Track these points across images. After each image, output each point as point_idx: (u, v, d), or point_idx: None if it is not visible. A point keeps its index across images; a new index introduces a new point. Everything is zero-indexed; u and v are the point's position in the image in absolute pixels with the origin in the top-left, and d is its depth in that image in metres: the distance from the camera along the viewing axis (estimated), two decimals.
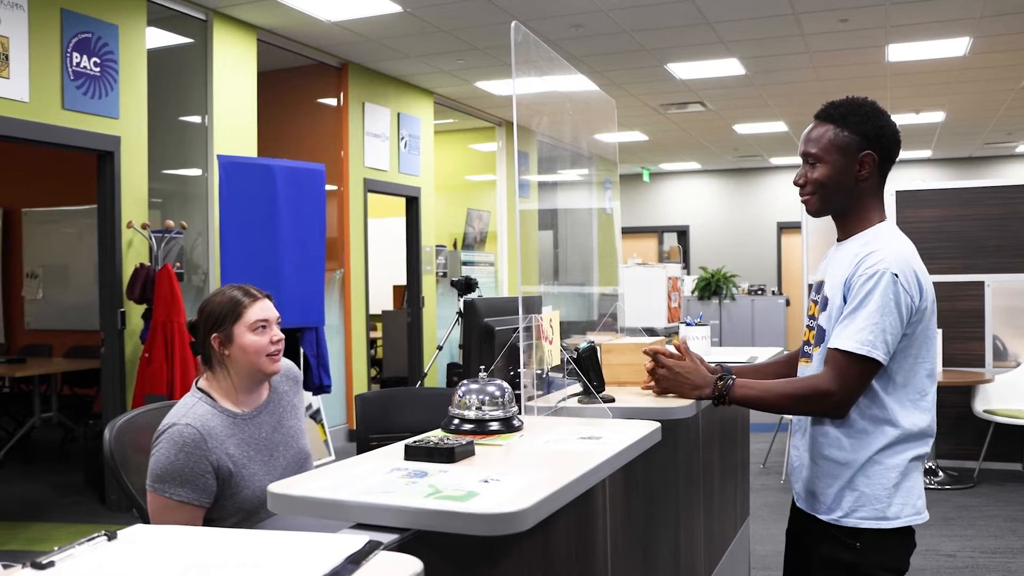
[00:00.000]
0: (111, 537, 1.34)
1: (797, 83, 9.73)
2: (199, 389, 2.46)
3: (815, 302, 2.28)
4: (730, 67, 8.98)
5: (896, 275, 2.08)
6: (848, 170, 2.19)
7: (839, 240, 2.29)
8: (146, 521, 2.37)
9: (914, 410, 2.15)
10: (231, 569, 1.22)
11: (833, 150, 2.20)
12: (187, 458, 2.28)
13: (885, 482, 2.13)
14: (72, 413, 7.91)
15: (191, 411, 2.36)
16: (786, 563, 2.47)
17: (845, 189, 2.21)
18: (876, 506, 2.14)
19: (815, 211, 2.27)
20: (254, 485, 2.37)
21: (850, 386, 2.11)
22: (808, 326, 2.33)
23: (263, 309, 2.47)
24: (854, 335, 2.08)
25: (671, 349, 2.49)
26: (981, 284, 6.76)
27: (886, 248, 2.14)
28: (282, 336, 2.49)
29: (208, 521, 2.35)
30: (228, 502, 2.36)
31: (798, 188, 2.28)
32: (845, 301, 2.14)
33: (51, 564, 1.22)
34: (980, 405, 6.58)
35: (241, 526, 2.37)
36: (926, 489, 2.26)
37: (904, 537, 2.18)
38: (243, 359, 2.43)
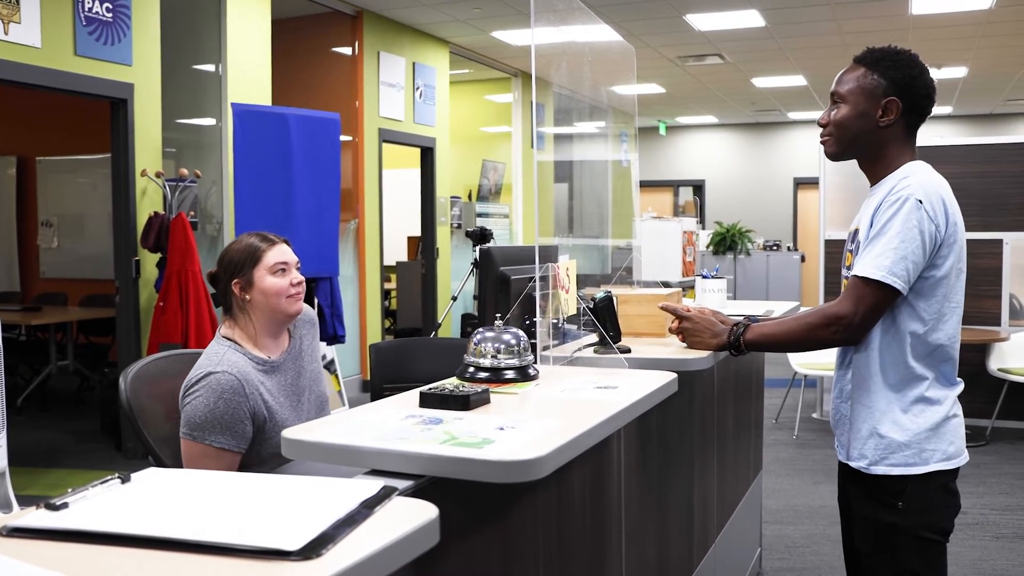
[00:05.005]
0: (124, 480, 1.34)
1: (817, 36, 9.58)
2: (224, 338, 2.46)
3: (850, 252, 2.22)
4: (750, 18, 8.84)
5: (920, 201, 2.03)
6: (870, 115, 2.15)
7: (871, 186, 2.24)
8: (162, 467, 2.37)
9: (941, 355, 2.15)
10: (245, 512, 1.22)
11: (858, 92, 2.16)
12: (226, 405, 2.29)
13: (914, 427, 2.11)
14: (88, 361, 7.96)
15: (224, 359, 2.35)
16: (843, 527, 2.40)
17: (865, 134, 2.16)
18: (903, 452, 2.11)
19: (831, 153, 2.23)
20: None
21: (864, 311, 2.07)
22: (844, 276, 2.27)
23: (281, 252, 2.48)
24: (872, 260, 2.05)
25: (688, 303, 2.47)
26: (999, 242, 6.68)
27: (914, 177, 2.10)
28: (302, 279, 2.49)
29: (243, 467, 2.36)
30: (262, 448, 2.36)
31: (821, 129, 2.24)
32: None
33: (64, 505, 1.21)
34: (995, 363, 6.54)
35: (276, 472, 2.37)
36: None
37: (947, 497, 2.14)
38: (264, 302, 2.44)
